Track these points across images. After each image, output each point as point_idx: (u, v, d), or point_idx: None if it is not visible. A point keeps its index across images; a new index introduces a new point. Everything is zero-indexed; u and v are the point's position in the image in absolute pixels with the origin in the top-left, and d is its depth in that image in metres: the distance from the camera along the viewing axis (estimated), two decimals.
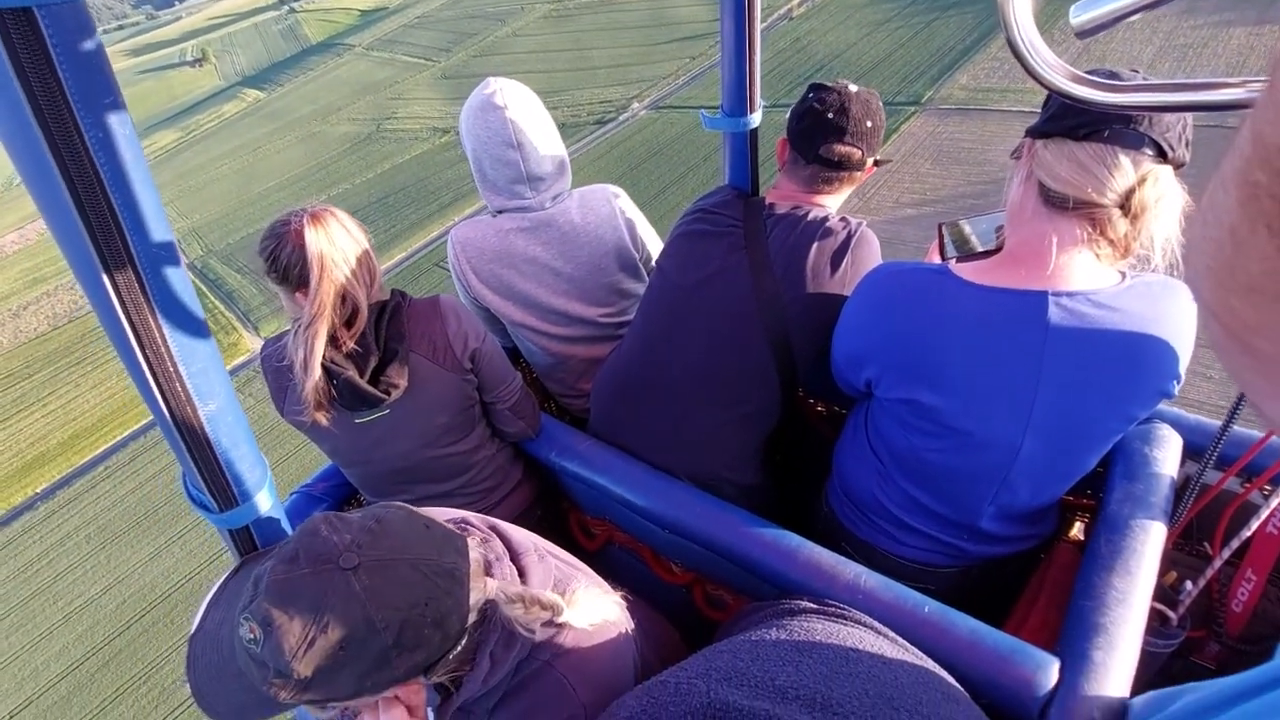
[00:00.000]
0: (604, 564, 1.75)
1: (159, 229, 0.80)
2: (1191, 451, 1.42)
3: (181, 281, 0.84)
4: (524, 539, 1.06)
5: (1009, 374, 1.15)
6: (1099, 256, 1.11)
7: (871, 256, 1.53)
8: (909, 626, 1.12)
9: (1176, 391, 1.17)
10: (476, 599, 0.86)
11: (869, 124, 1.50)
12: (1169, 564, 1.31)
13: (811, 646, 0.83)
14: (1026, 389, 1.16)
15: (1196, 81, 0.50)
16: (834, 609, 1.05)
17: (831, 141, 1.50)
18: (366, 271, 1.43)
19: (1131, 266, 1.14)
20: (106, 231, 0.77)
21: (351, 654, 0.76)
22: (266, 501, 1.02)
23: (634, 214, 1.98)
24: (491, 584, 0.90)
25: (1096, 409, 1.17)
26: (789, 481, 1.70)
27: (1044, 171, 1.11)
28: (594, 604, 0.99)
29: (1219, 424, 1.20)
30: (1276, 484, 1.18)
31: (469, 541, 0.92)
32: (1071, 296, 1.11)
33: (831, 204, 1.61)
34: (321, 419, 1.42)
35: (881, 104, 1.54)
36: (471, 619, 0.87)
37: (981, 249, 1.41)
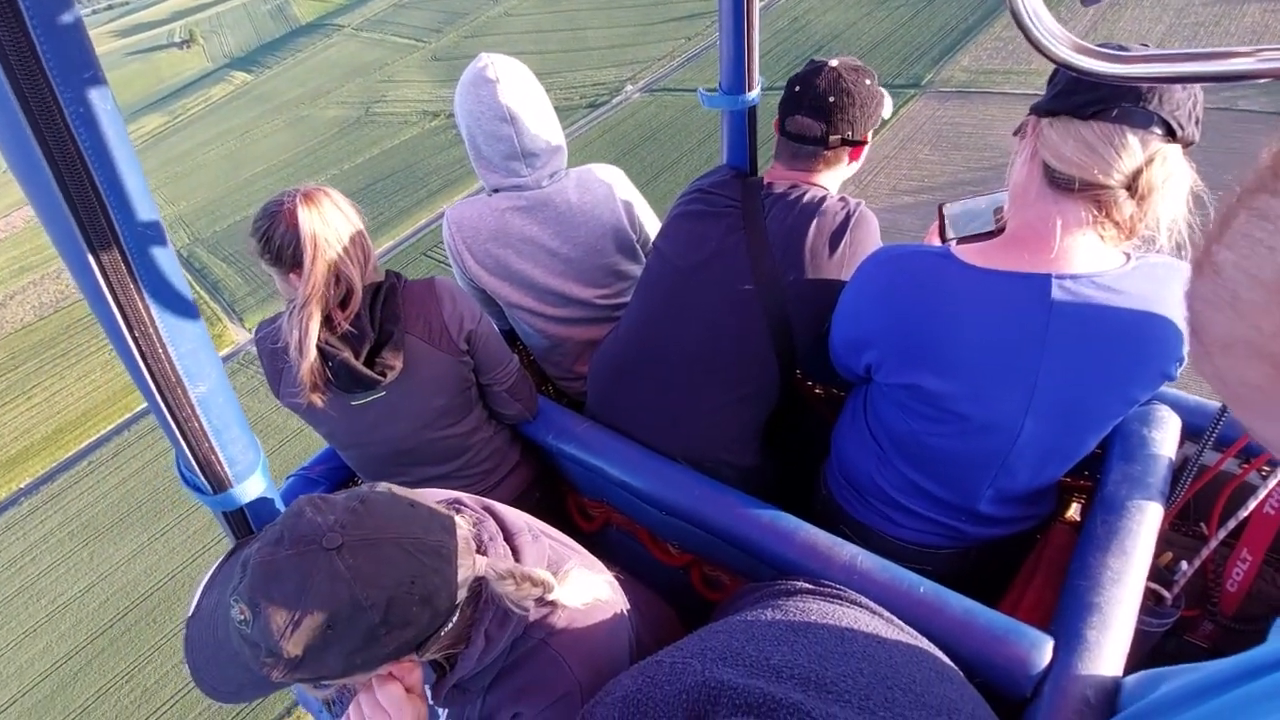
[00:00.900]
0: (602, 546, 1.73)
1: (144, 207, 0.79)
2: (1190, 432, 1.41)
3: (169, 261, 0.83)
4: (518, 519, 1.06)
5: (1012, 357, 1.14)
6: (1103, 238, 1.09)
7: (870, 237, 1.51)
8: (904, 606, 1.13)
9: (1178, 374, 1.16)
10: (465, 576, 0.87)
11: (831, 99, 1.47)
12: (1165, 544, 1.31)
13: (807, 626, 0.84)
14: (1029, 372, 1.15)
15: (1206, 51, 0.48)
16: (830, 589, 1.05)
17: (793, 113, 1.51)
18: (360, 251, 1.42)
19: (1136, 247, 1.13)
20: (90, 210, 0.75)
21: (339, 633, 0.77)
22: (260, 484, 1.02)
23: (632, 194, 1.96)
24: (481, 560, 0.90)
25: (1098, 391, 1.16)
26: (787, 464, 1.70)
27: (1049, 151, 1.08)
28: (586, 583, 0.99)
29: (1218, 405, 1.19)
30: (1275, 465, 1.18)
31: (457, 519, 0.92)
32: (1075, 279, 1.10)
33: (830, 184, 1.59)
34: (317, 401, 1.42)
35: (868, 83, 1.50)
36: (462, 596, 0.87)
37: (983, 230, 1.39)
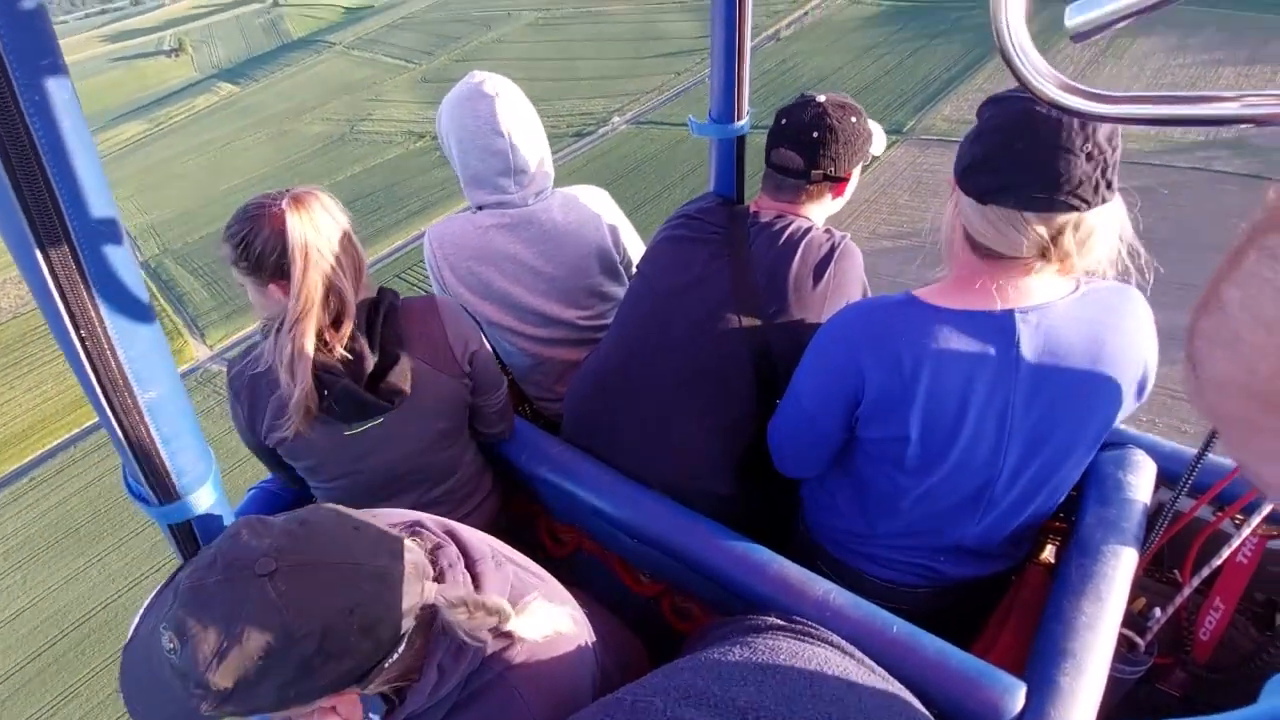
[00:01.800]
0: (572, 572, 1.71)
1: (100, 203, 0.76)
2: (1166, 478, 1.41)
3: (124, 261, 0.80)
4: (481, 544, 1.02)
5: (985, 395, 1.15)
6: (1045, 274, 1.12)
7: (854, 270, 1.52)
8: (877, 645, 1.11)
9: (1147, 393, 1.19)
10: (412, 604, 0.82)
11: (815, 135, 1.48)
12: (1139, 590, 1.31)
13: (775, 667, 0.81)
14: (1003, 407, 1.16)
15: (1190, 95, 0.48)
16: (801, 626, 1.03)
17: (777, 145, 1.52)
18: (354, 264, 1.32)
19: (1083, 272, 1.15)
20: (40, 202, 0.72)
21: (271, 664, 0.73)
22: (210, 496, 0.98)
23: (617, 216, 1.96)
24: (431, 588, 0.86)
25: (1070, 419, 1.17)
26: (765, 495, 1.69)
27: (964, 219, 1.12)
28: (547, 615, 0.95)
29: (1194, 451, 1.19)
30: (1248, 513, 1.19)
31: (408, 543, 0.88)
32: (1035, 310, 1.12)
33: (816, 216, 1.60)
34: (307, 431, 1.31)
35: (854, 120, 1.51)
36: (408, 625, 0.83)
37: None
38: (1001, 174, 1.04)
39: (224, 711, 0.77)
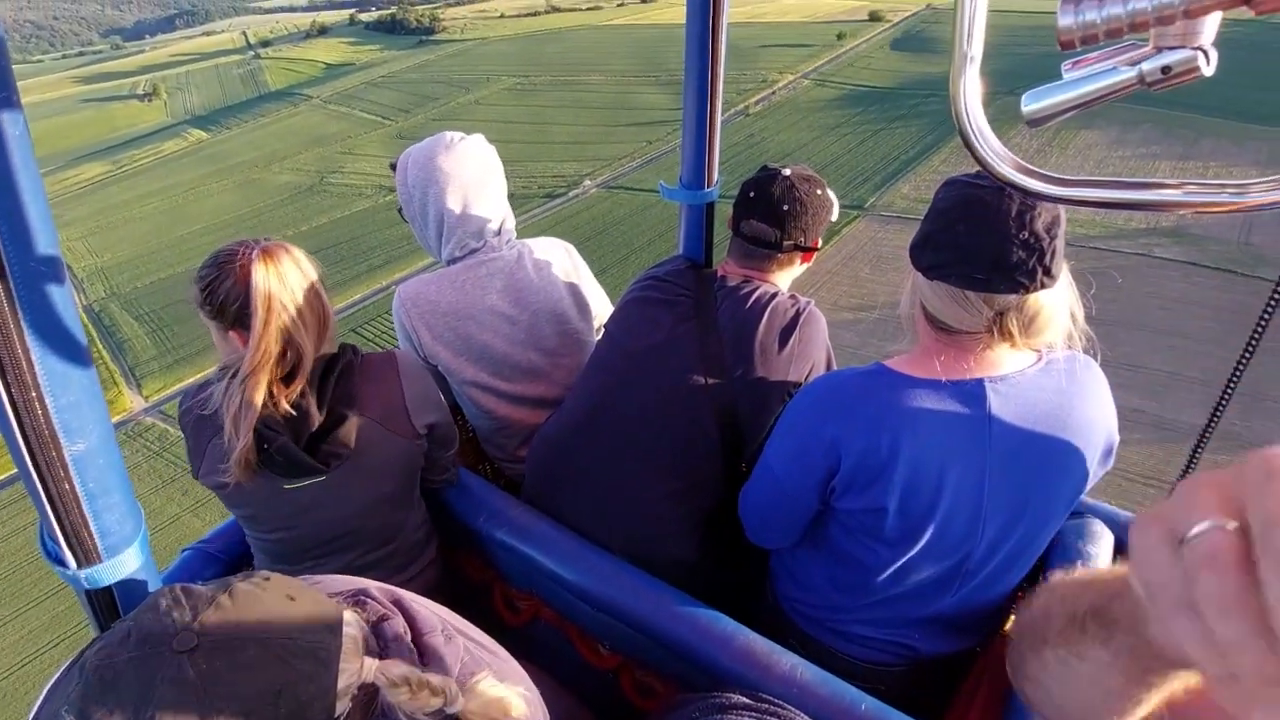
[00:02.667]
0: (528, 642, 1.65)
1: (42, 239, 0.70)
2: (1123, 548, 1.42)
3: (62, 301, 0.75)
4: (431, 616, 0.97)
5: (962, 463, 1.15)
6: (1001, 349, 1.15)
7: (819, 335, 1.55)
8: None
9: (1113, 458, 1.22)
10: (349, 683, 0.76)
11: (785, 207, 1.51)
12: None
13: None
14: (978, 476, 1.15)
15: (1136, 181, 0.51)
16: (768, 705, 0.98)
17: (748, 217, 1.55)
18: (318, 320, 1.30)
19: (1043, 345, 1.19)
20: None
21: None
22: (135, 560, 0.90)
23: (584, 268, 1.99)
24: (370, 665, 0.80)
25: (1043, 486, 1.18)
26: (731, 562, 1.64)
27: (920, 293, 1.18)
28: (497, 696, 0.88)
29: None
30: None
31: (347, 615, 0.82)
32: (1003, 380, 1.14)
33: (782, 282, 1.62)
34: (245, 481, 1.28)
35: (819, 192, 1.56)
36: (343, 707, 0.75)
37: None
38: (944, 252, 1.09)
39: None
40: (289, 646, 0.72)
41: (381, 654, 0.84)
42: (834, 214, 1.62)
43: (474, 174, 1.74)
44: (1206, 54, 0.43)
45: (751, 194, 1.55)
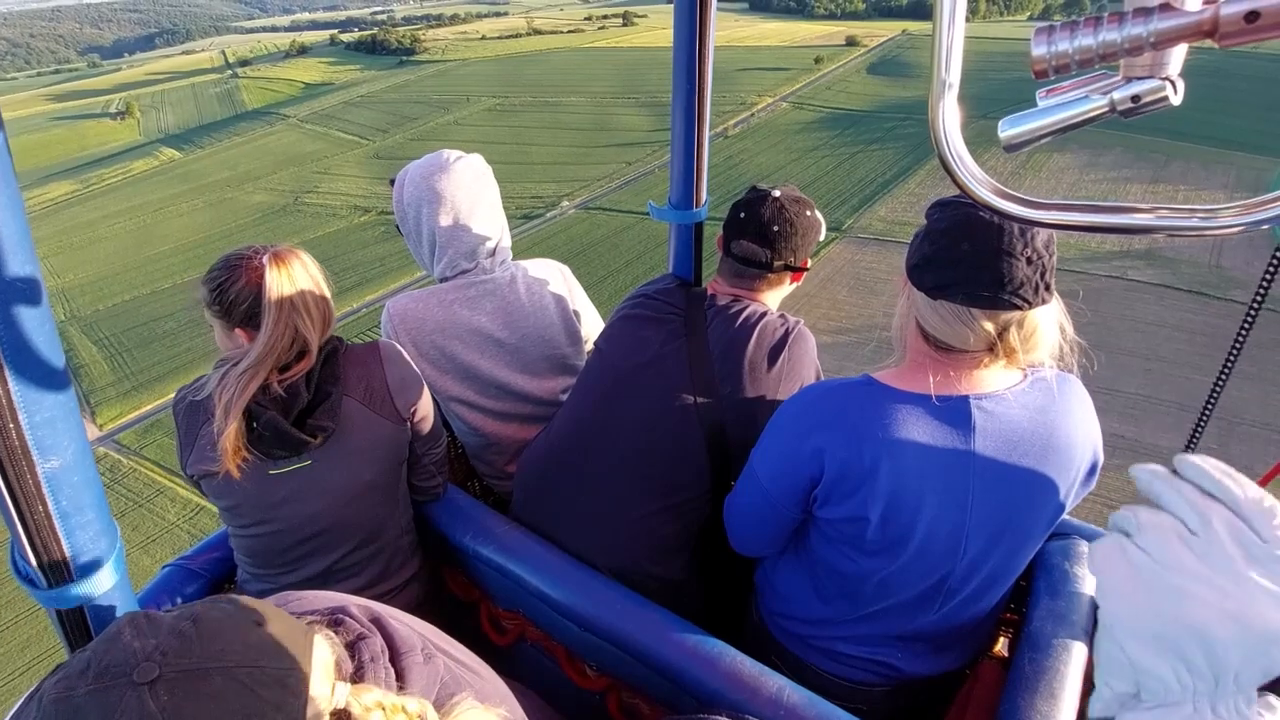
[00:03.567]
0: (514, 662, 1.67)
1: (19, 254, 0.73)
2: None
3: (38, 316, 0.76)
4: (411, 636, 0.95)
5: (945, 478, 1.17)
6: (994, 367, 1.17)
7: (808, 354, 1.57)
8: None
9: (1097, 477, 1.24)
10: (318, 710, 0.73)
11: (776, 229, 1.54)
12: (1090, 684, 1.42)
13: None
14: (962, 492, 1.17)
15: (1110, 205, 0.52)
16: None
17: (739, 238, 1.57)
18: (323, 317, 1.39)
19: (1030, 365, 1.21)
20: None
21: None
22: (108, 579, 0.90)
23: (578, 289, 2.01)
24: (342, 690, 0.78)
25: (1026, 505, 1.20)
26: (718, 581, 1.67)
27: (917, 313, 1.18)
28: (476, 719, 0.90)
29: None
30: None
31: (318, 639, 0.80)
32: (989, 398, 1.15)
33: (771, 301, 1.65)
34: (234, 469, 1.32)
35: (809, 214, 1.59)
36: None
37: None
38: (949, 272, 1.10)
39: None
40: (255, 675, 0.71)
41: (358, 674, 0.85)
42: (821, 234, 1.68)
43: (468, 195, 1.76)
44: (1174, 84, 0.45)
45: (742, 215, 1.58)
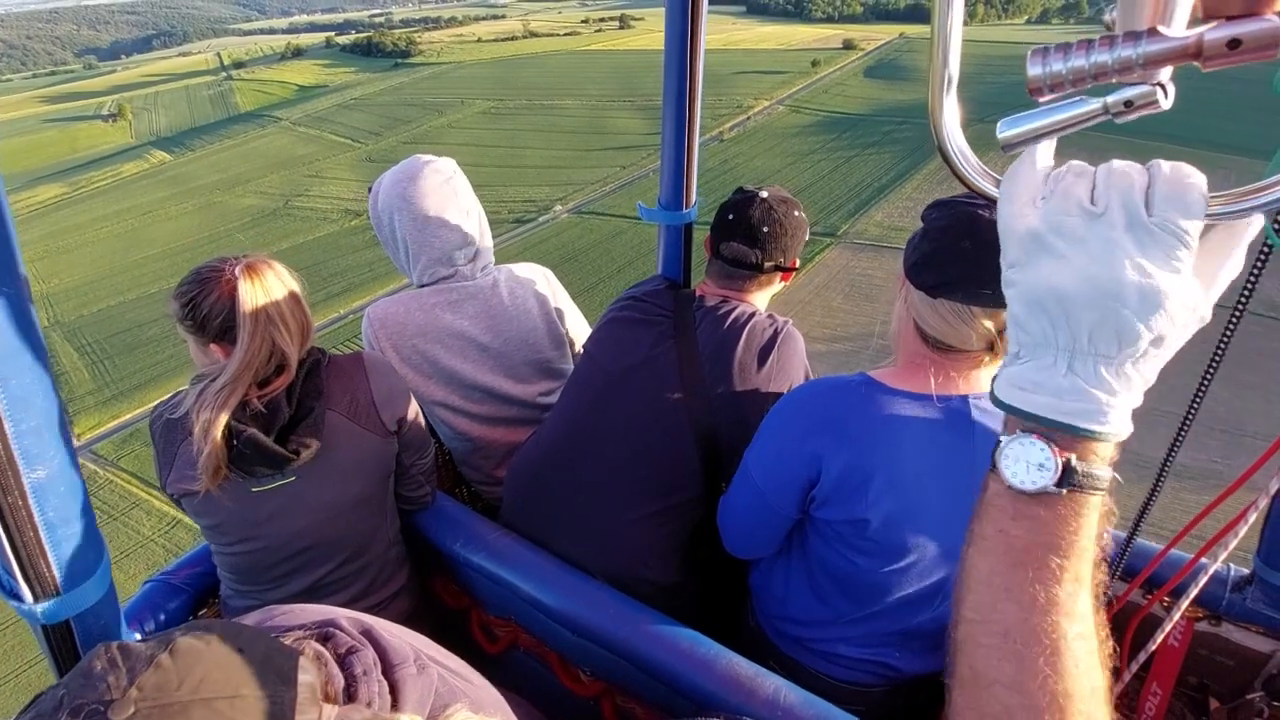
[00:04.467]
0: (506, 670, 1.68)
1: (4, 261, 0.72)
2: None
3: (25, 323, 0.75)
4: (403, 647, 0.94)
5: (943, 479, 1.18)
6: (992, 367, 1.19)
7: (797, 354, 1.58)
8: None
9: None
10: None
11: (765, 229, 1.56)
12: None
13: None
14: (961, 493, 1.26)
15: None
16: None
17: (728, 240, 1.59)
18: (301, 328, 1.35)
19: None
20: None
21: None
22: (95, 592, 0.90)
23: (561, 292, 2.01)
24: (329, 712, 0.76)
25: None
26: (712, 584, 1.65)
27: (915, 313, 1.18)
28: None
29: (1124, 535, 1.25)
30: (1175, 596, 1.21)
31: (302, 661, 0.78)
32: (987, 397, 1.33)
33: (760, 302, 1.66)
34: (215, 489, 1.30)
35: (796, 214, 1.60)
36: None
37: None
38: (949, 269, 1.10)
39: None
40: (237, 705, 0.68)
41: (350, 688, 0.83)
42: (806, 234, 1.70)
43: (436, 200, 1.74)
44: (1165, 88, 0.47)
45: (730, 216, 1.59)
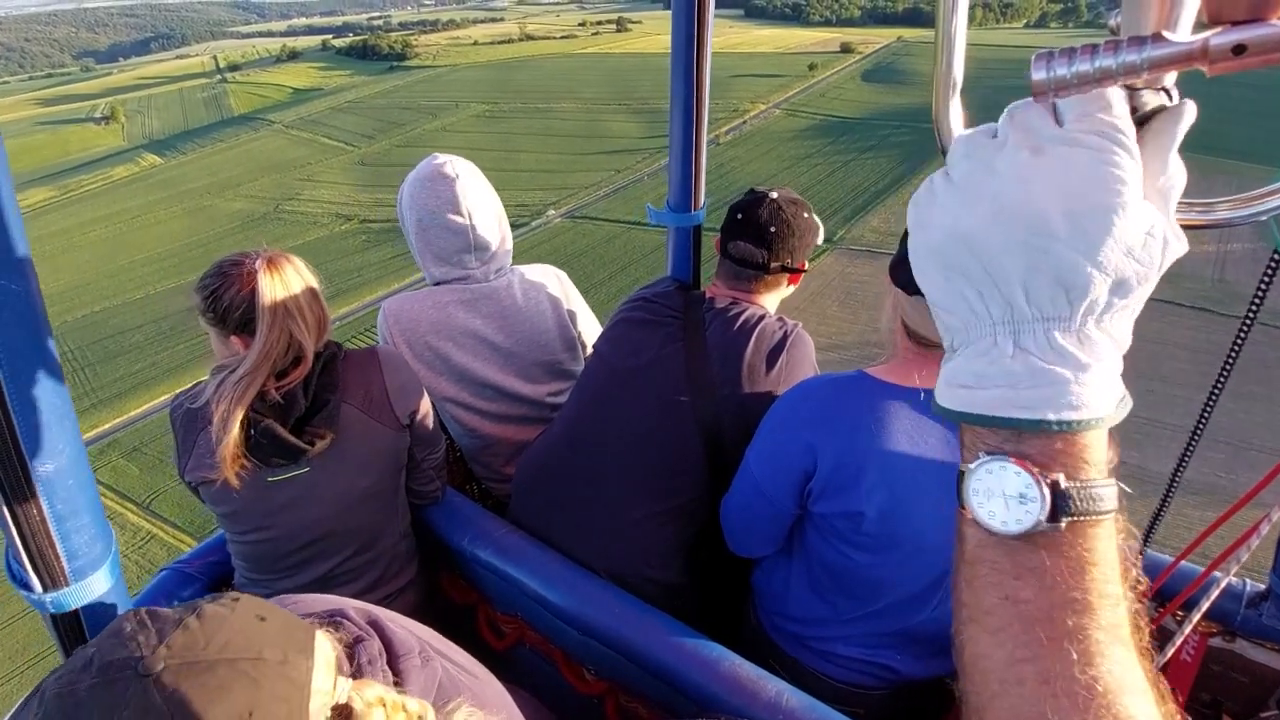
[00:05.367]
0: (512, 666, 1.69)
1: (14, 254, 0.73)
2: None
3: (34, 318, 0.77)
4: (408, 638, 0.96)
5: (935, 473, 1.18)
6: None
7: (806, 358, 1.59)
8: None
9: None
10: (322, 703, 0.74)
11: (773, 229, 1.57)
12: None
13: None
14: (954, 488, 1.17)
15: None
16: None
17: (736, 239, 1.60)
18: (318, 322, 1.39)
19: None
20: None
21: None
22: (104, 582, 0.91)
23: (575, 295, 2.02)
24: (345, 685, 0.79)
25: None
26: (716, 584, 1.67)
27: (901, 310, 1.22)
28: None
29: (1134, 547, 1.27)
30: (1188, 609, 1.21)
31: (319, 635, 0.81)
32: None
33: (769, 304, 1.68)
34: (232, 478, 1.32)
35: (806, 215, 1.61)
36: None
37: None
38: None
39: None
40: (259, 667, 0.71)
41: (356, 676, 0.85)
42: (819, 237, 1.69)
43: (440, 202, 1.75)
44: (1169, 92, 0.46)
45: (739, 216, 1.60)
